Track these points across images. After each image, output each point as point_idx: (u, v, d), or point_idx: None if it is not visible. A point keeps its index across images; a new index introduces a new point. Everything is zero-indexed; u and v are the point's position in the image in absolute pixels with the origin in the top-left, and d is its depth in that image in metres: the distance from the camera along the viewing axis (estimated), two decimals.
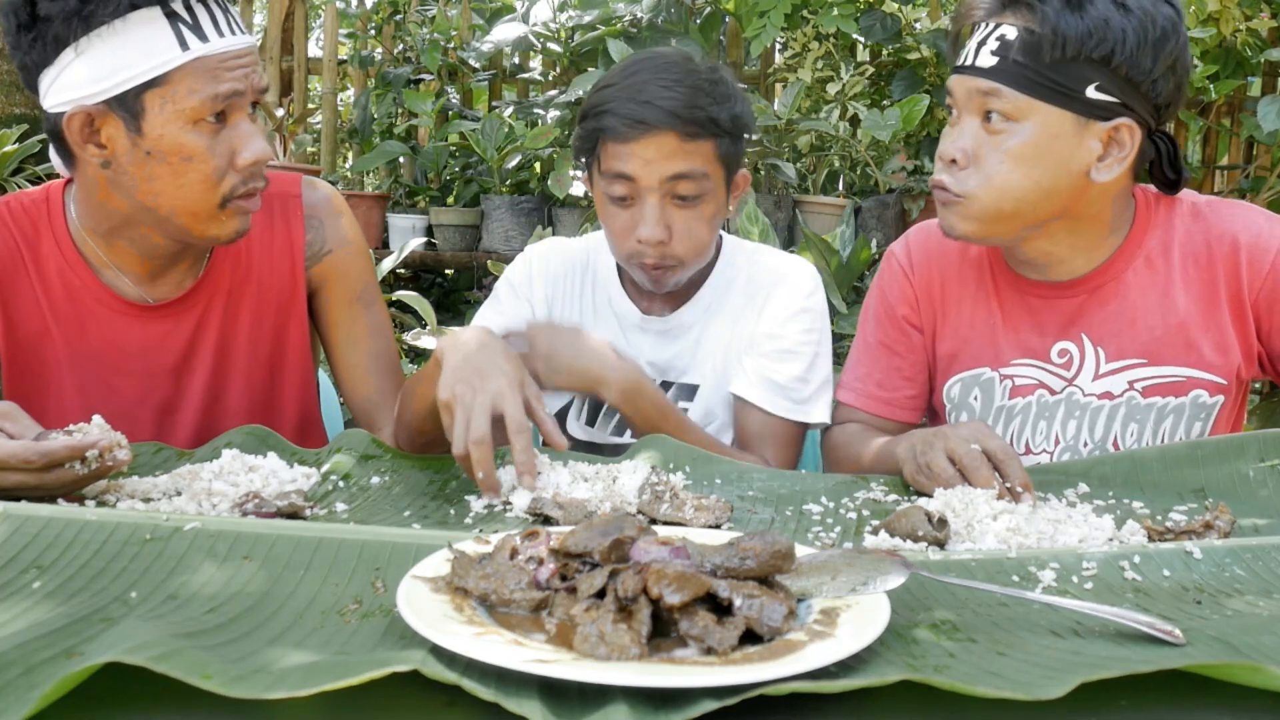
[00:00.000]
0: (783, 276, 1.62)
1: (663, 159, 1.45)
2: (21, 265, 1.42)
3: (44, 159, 3.88)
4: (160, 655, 0.66)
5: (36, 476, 1.07)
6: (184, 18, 1.26)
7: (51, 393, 1.44)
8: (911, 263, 1.59)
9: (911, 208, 3.65)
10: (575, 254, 1.69)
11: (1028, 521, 1.08)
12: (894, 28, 3.74)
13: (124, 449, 1.11)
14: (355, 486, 1.21)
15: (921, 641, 0.78)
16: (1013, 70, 1.33)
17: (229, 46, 1.29)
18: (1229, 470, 1.25)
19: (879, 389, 1.60)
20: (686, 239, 1.50)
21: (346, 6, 4.83)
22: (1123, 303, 1.46)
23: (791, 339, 1.58)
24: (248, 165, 1.32)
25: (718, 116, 1.47)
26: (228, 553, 0.95)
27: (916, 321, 1.59)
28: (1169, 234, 1.46)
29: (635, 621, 0.72)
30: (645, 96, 1.45)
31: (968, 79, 1.38)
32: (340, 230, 1.56)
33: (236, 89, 1.29)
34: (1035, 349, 1.50)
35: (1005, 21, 1.34)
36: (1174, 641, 0.76)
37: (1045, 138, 1.34)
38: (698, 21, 4.07)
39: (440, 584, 0.82)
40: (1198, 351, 1.44)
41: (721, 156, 1.49)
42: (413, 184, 4.58)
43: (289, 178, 1.55)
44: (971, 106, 1.38)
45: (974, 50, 1.37)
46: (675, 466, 1.29)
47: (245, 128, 1.32)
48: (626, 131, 1.45)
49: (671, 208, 1.49)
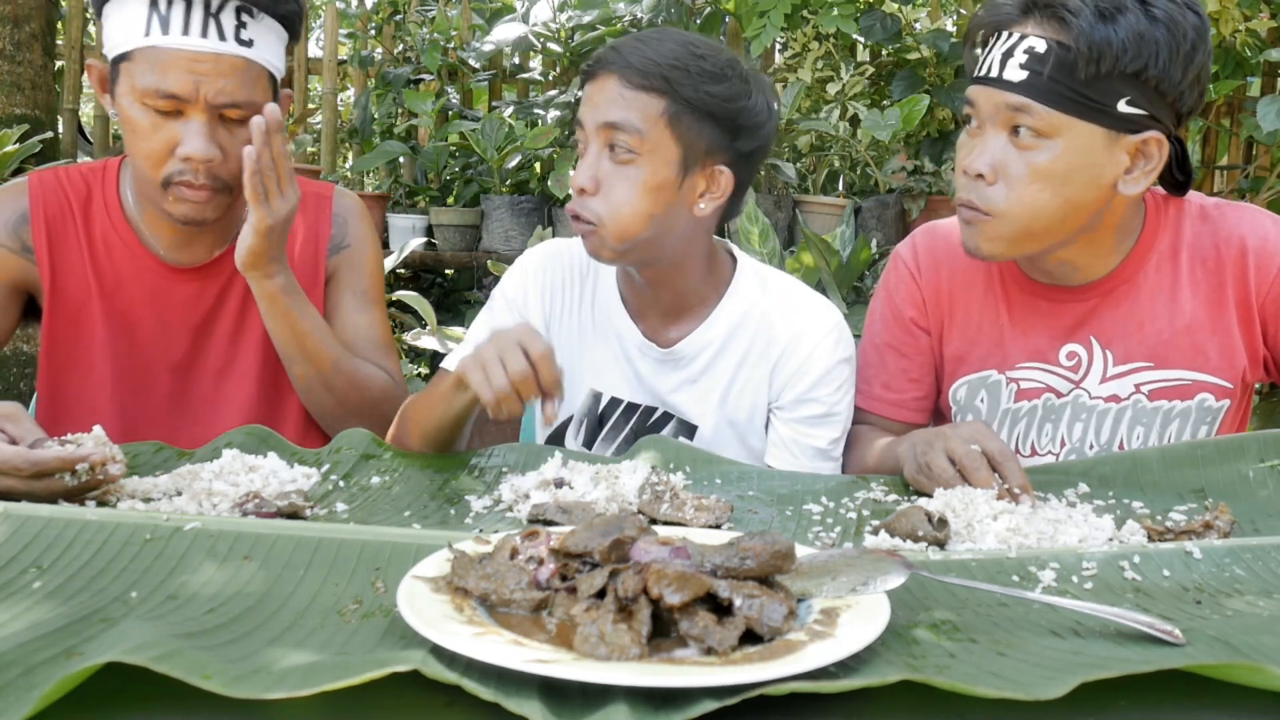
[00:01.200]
0: (802, 332, 1.50)
1: (602, 103, 1.38)
2: (71, 222, 1.55)
3: (45, 159, 3.89)
4: (160, 655, 0.66)
5: (25, 484, 1.08)
6: (159, 7, 1.36)
7: (83, 343, 1.56)
8: (919, 264, 1.58)
9: (911, 208, 3.65)
10: (575, 261, 1.59)
11: (1028, 522, 1.08)
12: (894, 28, 3.74)
13: (118, 464, 1.11)
14: (355, 486, 1.21)
15: (921, 641, 0.78)
16: (1045, 86, 1.29)
17: (186, 45, 1.36)
18: (1229, 471, 1.26)
19: (886, 391, 1.59)
20: (608, 197, 1.39)
21: (346, 6, 4.84)
22: (1133, 305, 1.45)
23: (827, 402, 1.50)
24: (180, 158, 1.40)
25: (673, 78, 1.35)
26: (228, 553, 0.95)
27: (924, 323, 1.57)
28: (1178, 236, 1.45)
29: (635, 621, 0.73)
30: (621, 45, 1.40)
31: (994, 92, 1.33)
32: (361, 231, 1.67)
33: (174, 90, 1.37)
34: (1043, 352, 1.50)
35: (1032, 32, 1.30)
36: (1174, 641, 0.76)
37: (1077, 154, 1.31)
38: (698, 21, 4.07)
39: (440, 584, 0.82)
40: (1204, 355, 1.44)
41: (673, 125, 1.37)
42: (413, 184, 4.58)
43: (324, 186, 1.68)
44: (998, 120, 1.33)
45: (999, 61, 1.32)
46: (675, 466, 1.29)
47: (194, 126, 1.39)
48: (589, 71, 1.42)
49: (605, 159, 1.39)
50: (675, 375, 1.54)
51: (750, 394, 1.52)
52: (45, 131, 3.90)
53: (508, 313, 1.58)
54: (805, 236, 3.24)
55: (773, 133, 1.46)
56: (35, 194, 1.55)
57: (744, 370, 1.52)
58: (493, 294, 1.63)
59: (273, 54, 1.44)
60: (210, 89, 1.37)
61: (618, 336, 1.55)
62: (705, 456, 1.33)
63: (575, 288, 1.58)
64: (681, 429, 1.54)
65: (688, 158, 1.39)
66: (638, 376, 1.55)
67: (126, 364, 1.55)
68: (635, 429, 1.54)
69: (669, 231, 1.42)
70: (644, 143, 1.37)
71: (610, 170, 1.39)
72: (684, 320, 1.53)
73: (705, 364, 1.53)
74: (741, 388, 1.52)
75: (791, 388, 1.50)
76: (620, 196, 1.39)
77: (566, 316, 1.58)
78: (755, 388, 1.52)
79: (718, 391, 1.52)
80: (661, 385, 1.54)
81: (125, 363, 1.55)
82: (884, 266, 3.38)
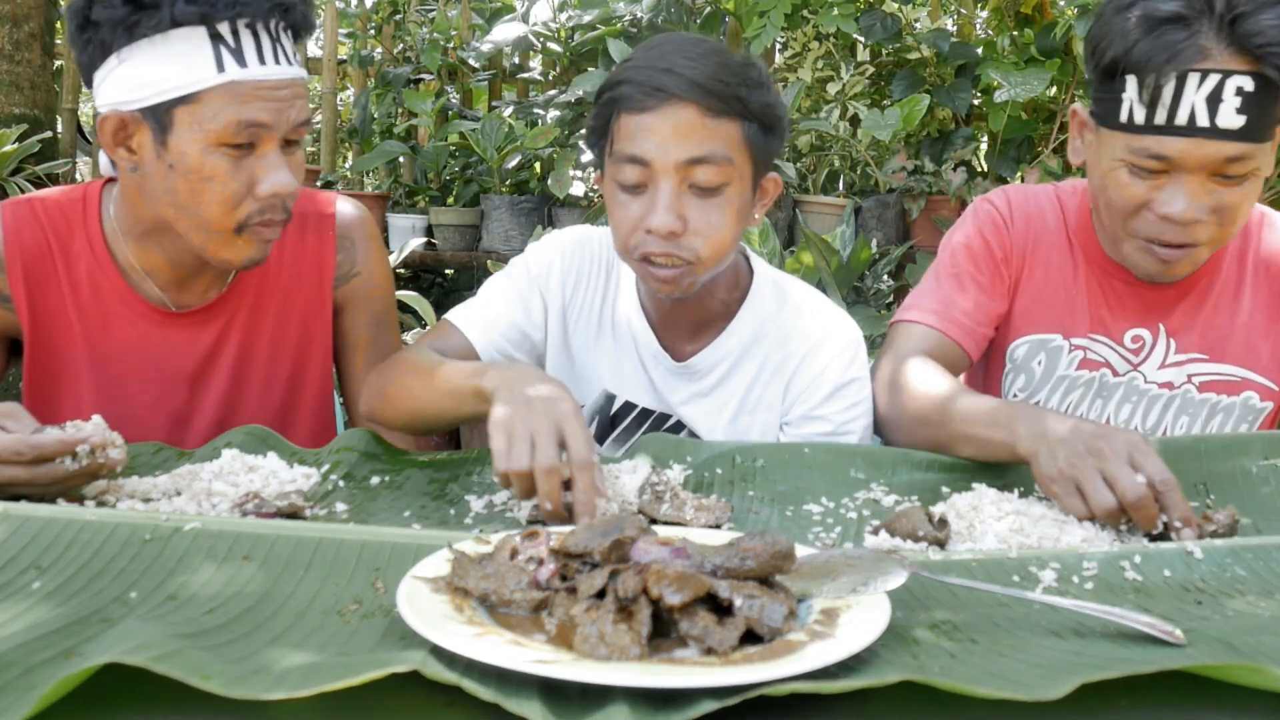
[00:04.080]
0: (817, 345, 1.45)
1: (681, 137, 1.28)
2: (51, 263, 1.43)
3: (44, 159, 3.89)
4: (160, 655, 0.66)
5: (28, 470, 1.07)
6: (227, 40, 1.25)
7: (69, 392, 1.45)
8: (1011, 214, 1.56)
9: (911, 208, 3.65)
10: (602, 253, 1.52)
11: (1031, 523, 1.08)
12: (894, 28, 3.74)
13: (118, 448, 1.11)
14: (355, 486, 1.21)
15: (922, 641, 0.78)
16: (1262, 126, 1.26)
17: (267, 75, 1.27)
18: (1232, 465, 1.26)
19: (964, 317, 1.51)
20: (704, 232, 1.31)
21: (346, 6, 4.84)
22: (1202, 299, 1.49)
23: (835, 421, 1.44)
24: (265, 196, 1.31)
25: (746, 97, 1.29)
26: (228, 553, 0.95)
27: (1008, 270, 1.55)
28: (1247, 240, 1.50)
29: (635, 622, 0.72)
30: (666, 64, 1.29)
31: (1206, 144, 1.26)
32: (370, 254, 1.57)
33: (263, 120, 1.28)
34: (1110, 329, 1.52)
35: (1233, 70, 1.24)
36: (1174, 642, 0.76)
37: (1266, 167, 1.31)
38: (698, 21, 4.07)
39: (440, 584, 0.82)
40: (1256, 354, 1.48)
41: (749, 145, 1.32)
42: (413, 184, 4.58)
43: (325, 197, 1.57)
44: (1208, 167, 1.29)
45: (1205, 109, 1.25)
46: (675, 460, 1.29)
47: (271, 159, 1.30)
48: (643, 100, 1.29)
49: (689, 195, 1.30)
50: (687, 388, 1.50)
51: (764, 412, 1.49)
52: (44, 131, 3.90)
53: (528, 286, 1.50)
54: (805, 236, 3.24)
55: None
56: (10, 233, 1.41)
57: (757, 388, 1.49)
58: (514, 260, 1.55)
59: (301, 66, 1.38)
60: (290, 115, 1.30)
61: (634, 341, 1.51)
62: (704, 446, 1.32)
63: (600, 280, 1.53)
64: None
65: (757, 174, 1.37)
66: (652, 383, 1.51)
67: (118, 412, 1.35)
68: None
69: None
70: (733, 171, 1.31)
71: (695, 204, 1.31)
72: (702, 334, 1.49)
73: (719, 379, 1.49)
74: (755, 405, 1.49)
75: (802, 403, 1.46)
76: (716, 230, 1.32)
77: (586, 307, 1.52)
78: (769, 405, 1.49)
79: (730, 408, 1.49)
80: (673, 396, 1.51)
81: (118, 410, 1.37)
82: (884, 266, 3.40)
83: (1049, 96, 3.64)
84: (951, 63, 3.76)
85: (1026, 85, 3.38)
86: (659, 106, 1.28)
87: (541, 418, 1.09)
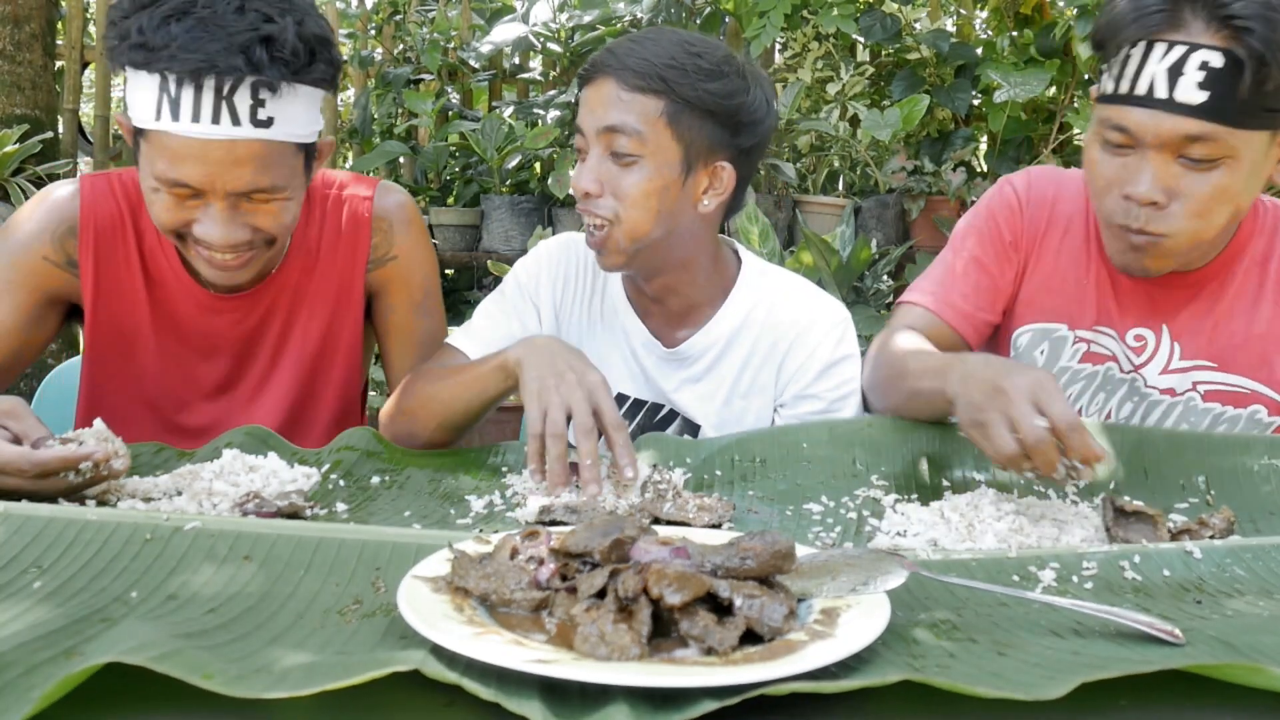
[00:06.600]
0: (807, 327, 1.50)
1: (601, 107, 1.39)
2: (123, 235, 1.48)
3: (45, 159, 3.89)
4: (160, 655, 0.66)
5: (31, 483, 1.08)
6: (169, 89, 1.24)
7: (132, 368, 1.51)
8: (1028, 198, 1.53)
9: (911, 208, 3.65)
10: (587, 254, 1.57)
11: (1031, 523, 1.08)
12: (894, 28, 3.74)
13: (121, 458, 1.12)
14: (355, 486, 1.21)
15: (921, 641, 0.78)
16: (1228, 107, 1.20)
17: (197, 134, 1.24)
18: (1233, 463, 1.25)
19: (963, 301, 1.51)
20: (617, 193, 1.39)
21: (346, 6, 4.83)
22: (1214, 304, 1.43)
23: (827, 398, 1.48)
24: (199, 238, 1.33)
25: (671, 78, 1.36)
26: (228, 553, 0.95)
27: (1016, 253, 1.53)
28: (1271, 244, 1.43)
29: (635, 621, 0.73)
30: (617, 47, 1.40)
31: (1164, 116, 1.22)
32: (409, 239, 1.58)
33: (189, 182, 1.27)
34: (1115, 323, 1.48)
35: (1201, 44, 1.19)
36: (1174, 641, 0.76)
37: (1253, 165, 1.25)
38: (698, 21, 4.07)
39: (440, 584, 0.82)
40: (1269, 367, 1.42)
41: (672, 124, 1.37)
42: (413, 184, 4.57)
43: (366, 182, 1.59)
44: (1168, 145, 1.24)
45: (1165, 79, 1.21)
46: (675, 462, 1.29)
47: (211, 211, 1.30)
48: (587, 75, 1.42)
49: (608, 162, 1.39)
50: (678, 374, 1.54)
51: (756, 397, 1.52)
52: (45, 131, 3.90)
53: (519, 298, 1.57)
54: (805, 236, 3.24)
55: (772, 128, 1.47)
56: (87, 203, 1.46)
57: (748, 373, 1.52)
58: (505, 279, 1.61)
59: (299, 125, 1.31)
60: (226, 179, 1.27)
61: (624, 333, 1.56)
62: (703, 446, 1.32)
63: (586, 280, 1.59)
64: (686, 427, 1.54)
65: (689, 156, 1.40)
66: (644, 373, 1.55)
67: (170, 385, 1.51)
68: (641, 425, 1.54)
69: (676, 230, 1.43)
70: (645, 144, 1.38)
71: (614, 172, 1.39)
72: (690, 320, 1.53)
73: (709, 364, 1.53)
74: (747, 390, 1.52)
75: (794, 383, 1.50)
76: (627, 193, 1.39)
77: (576, 308, 1.58)
78: (761, 390, 1.52)
79: (722, 392, 1.52)
80: (665, 383, 1.54)
81: (169, 383, 1.51)
82: (884, 266, 3.40)
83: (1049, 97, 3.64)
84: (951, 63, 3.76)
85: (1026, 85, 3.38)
86: (592, 79, 1.42)
87: (574, 388, 1.21)
